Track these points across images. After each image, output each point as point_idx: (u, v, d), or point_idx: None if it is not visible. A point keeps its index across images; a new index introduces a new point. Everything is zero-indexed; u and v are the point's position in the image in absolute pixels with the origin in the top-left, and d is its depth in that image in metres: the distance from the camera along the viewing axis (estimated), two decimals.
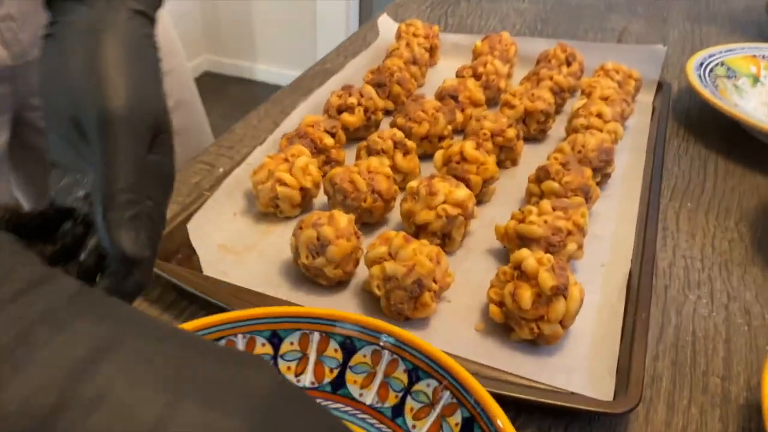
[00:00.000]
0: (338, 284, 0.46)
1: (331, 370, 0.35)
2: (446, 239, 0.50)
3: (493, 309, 0.43)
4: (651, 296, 0.45)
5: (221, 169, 0.59)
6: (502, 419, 0.30)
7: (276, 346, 0.36)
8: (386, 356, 0.35)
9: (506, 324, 0.43)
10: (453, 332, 0.43)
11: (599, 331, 0.43)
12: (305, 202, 0.54)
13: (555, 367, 0.40)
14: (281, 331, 0.36)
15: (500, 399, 0.32)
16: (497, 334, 0.43)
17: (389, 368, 0.35)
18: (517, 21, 0.98)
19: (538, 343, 0.42)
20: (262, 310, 0.36)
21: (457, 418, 0.32)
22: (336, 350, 0.35)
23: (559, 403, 0.37)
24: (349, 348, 0.35)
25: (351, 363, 0.35)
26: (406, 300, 0.42)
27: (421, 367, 0.34)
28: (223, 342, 0.35)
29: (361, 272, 0.47)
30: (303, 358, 0.36)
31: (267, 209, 0.53)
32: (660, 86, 0.74)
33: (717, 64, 0.76)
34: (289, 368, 0.35)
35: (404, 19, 0.90)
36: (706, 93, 0.68)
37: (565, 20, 0.98)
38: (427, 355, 0.34)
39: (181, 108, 0.75)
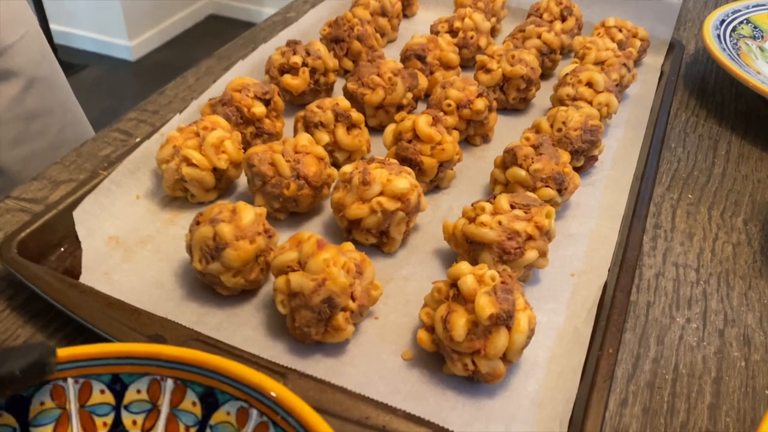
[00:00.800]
0: (243, 293, 0.38)
1: (187, 429, 0.27)
2: (384, 237, 0.41)
3: (422, 335, 0.34)
4: (625, 321, 0.36)
5: (138, 139, 0.51)
6: None
7: (119, 394, 0.28)
8: (254, 417, 0.27)
9: (438, 353, 0.35)
10: (374, 360, 0.35)
11: (555, 367, 0.35)
12: (224, 185, 0.45)
13: (493, 414, 0.32)
14: (125, 375, 0.28)
15: None
16: (427, 366, 0.35)
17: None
18: None
19: (474, 381, 0.34)
20: (101, 347, 0.28)
21: None
22: (194, 403, 0.27)
23: None
24: (210, 402, 0.27)
25: (212, 421, 0.27)
26: (313, 323, 0.34)
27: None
28: (49, 386, 0.27)
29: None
30: (153, 411, 0.28)
31: (175, 193, 0.44)
32: (672, 47, 0.63)
33: (741, 22, 0.64)
34: (134, 422, 0.28)
35: None
36: (724, 57, 0.57)
37: None
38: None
39: (36, 86, 0.62)
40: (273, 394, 0.26)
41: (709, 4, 0.77)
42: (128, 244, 0.41)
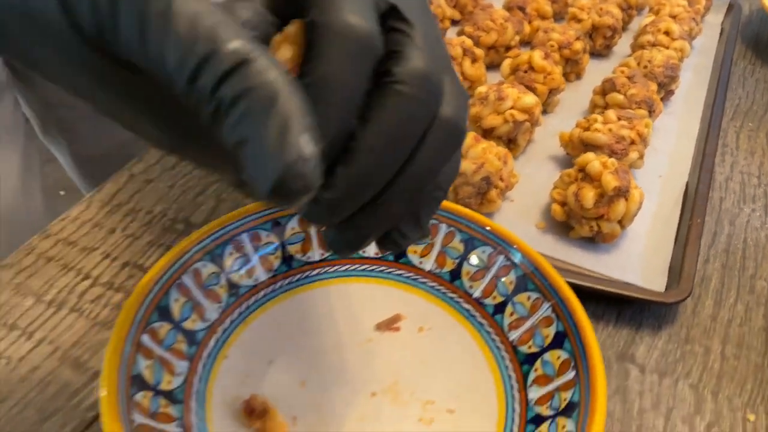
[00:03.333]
0: None
1: (451, 261, 0.38)
2: (511, 144, 0.52)
3: (556, 208, 0.46)
4: (707, 205, 0.47)
5: None
6: (555, 278, 0.34)
7: None
8: (443, 229, 0.38)
9: (566, 223, 0.46)
10: (515, 228, 0.46)
11: (654, 234, 0.46)
12: None
13: (611, 263, 0.43)
14: None
15: None
16: (557, 232, 0.46)
17: (446, 239, 0.38)
18: None
19: (595, 241, 0.45)
20: None
21: (511, 277, 0.36)
22: (458, 243, 0.38)
23: (614, 290, 0.40)
24: (468, 246, 0.38)
25: (468, 257, 0.38)
26: (473, 195, 0.45)
27: (476, 237, 0.38)
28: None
29: None
30: (428, 245, 0.39)
31: None
32: (731, 7, 0.73)
33: None
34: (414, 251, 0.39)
35: None
36: None
37: None
38: (481, 226, 0.37)
39: None
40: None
41: None
42: None
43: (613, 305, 0.41)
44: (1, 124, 0.55)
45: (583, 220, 0.44)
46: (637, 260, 0.44)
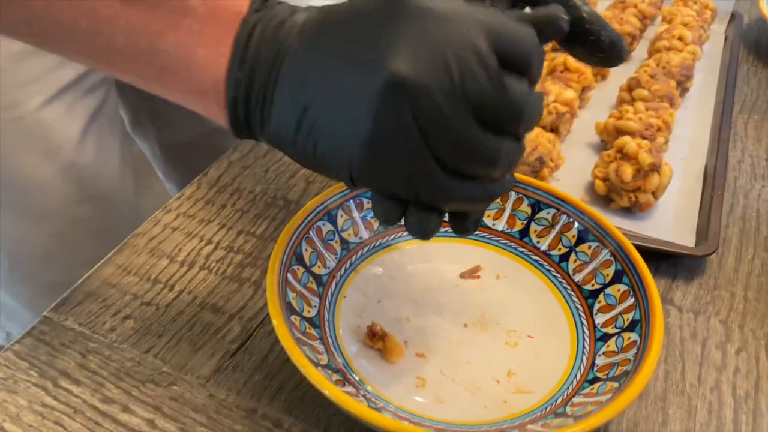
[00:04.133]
0: None
1: (521, 222, 0.46)
2: (554, 133, 0.60)
3: (598, 183, 0.54)
4: (724, 181, 0.55)
5: None
6: (611, 227, 0.42)
7: None
8: (513, 196, 0.46)
9: (607, 196, 0.54)
10: None
11: (681, 205, 0.54)
12: None
13: (648, 227, 0.51)
14: None
15: None
16: (598, 204, 0.54)
17: (516, 204, 0.46)
18: None
19: (633, 211, 0.53)
20: None
21: (573, 232, 0.44)
22: (526, 207, 0.46)
23: (654, 246, 0.48)
24: (535, 208, 0.46)
25: (535, 218, 0.46)
26: (528, 173, 0.53)
27: (542, 201, 0.45)
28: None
29: None
30: (499, 209, 0.47)
31: None
32: (733, 17, 0.82)
33: None
34: (488, 215, 0.47)
35: None
36: None
37: None
38: (546, 192, 0.45)
39: None
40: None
41: None
42: None
43: (653, 260, 0.49)
44: (106, 115, 0.63)
45: (622, 193, 0.52)
46: (670, 225, 0.52)
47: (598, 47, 0.33)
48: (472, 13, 0.28)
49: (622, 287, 0.40)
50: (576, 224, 0.44)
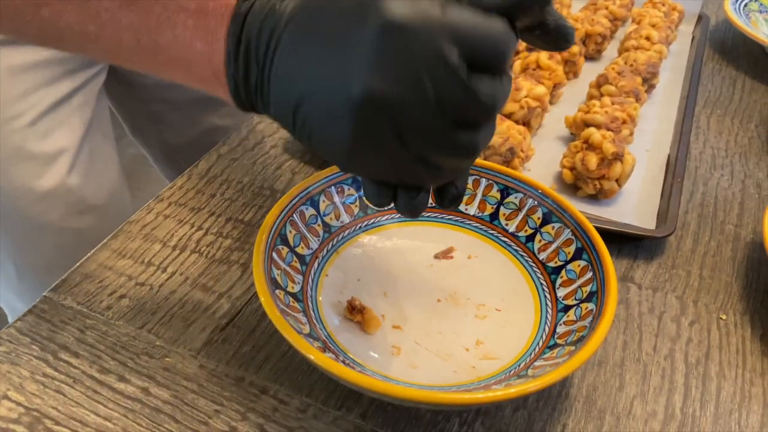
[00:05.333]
0: None
1: (491, 206, 0.50)
2: (526, 126, 0.64)
3: (566, 172, 0.57)
4: (684, 170, 0.58)
5: None
6: (573, 209, 0.45)
7: None
8: (483, 182, 0.49)
9: (574, 185, 0.57)
10: None
11: (644, 192, 0.57)
12: None
13: (612, 212, 0.55)
14: None
15: None
16: (566, 192, 0.57)
17: (486, 190, 0.50)
18: None
19: (598, 198, 0.56)
20: None
21: (538, 214, 0.47)
22: (496, 192, 0.49)
23: (615, 228, 0.51)
24: (504, 193, 0.49)
25: (504, 202, 0.49)
26: (500, 163, 0.57)
27: (510, 186, 0.49)
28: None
29: None
30: (471, 195, 0.50)
31: None
32: (700, 18, 0.86)
33: (751, 1, 0.87)
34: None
35: None
36: (740, 23, 0.80)
37: None
38: (514, 179, 0.49)
39: None
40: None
41: None
42: None
43: (615, 242, 0.52)
44: (99, 125, 0.66)
45: (588, 180, 0.56)
46: (632, 210, 0.55)
47: (546, 31, 0.33)
48: (443, 20, 0.28)
49: (582, 263, 0.43)
50: (541, 207, 0.47)
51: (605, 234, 0.51)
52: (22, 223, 0.62)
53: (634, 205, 0.56)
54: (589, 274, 0.42)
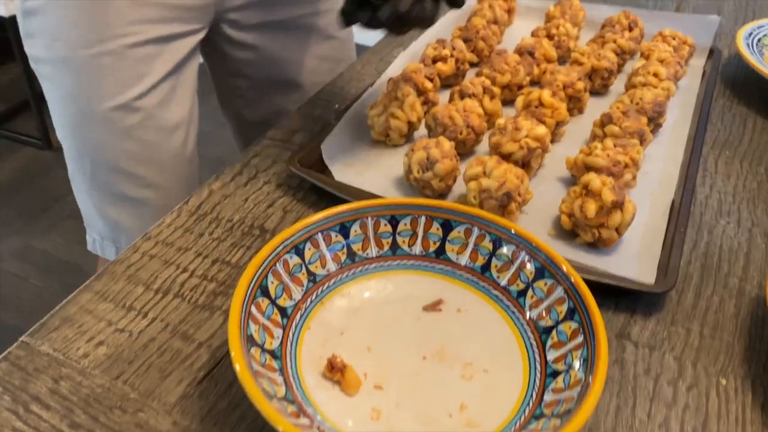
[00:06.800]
0: (439, 195, 0.59)
1: (434, 243, 0.48)
2: (525, 167, 0.62)
3: (564, 219, 0.55)
4: (689, 217, 0.56)
5: (336, 105, 0.72)
6: (566, 266, 0.43)
7: (394, 226, 0.49)
8: (476, 231, 0.48)
9: (573, 231, 0.55)
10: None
11: (645, 241, 0.55)
12: (410, 133, 0.67)
13: (610, 263, 0.53)
14: (398, 215, 0.49)
15: None
16: (565, 238, 0.55)
17: (478, 240, 0.48)
18: None
19: (597, 246, 0.54)
20: (385, 200, 0.49)
21: (530, 268, 0.45)
22: (437, 228, 0.48)
23: (613, 282, 0.49)
24: (447, 226, 0.48)
25: (449, 237, 0.48)
26: (496, 208, 0.55)
27: (503, 237, 0.47)
28: (357, 223, 0.48)
29: (457, 188, 0.60)
30: (413, 235, 0.49)
31: (380, 138, 0.66)
32: (711, 52, 0.84)
33: (765, 35, 0.85)
34: (403, 242, 0.49)
35: None
36: (752, 59, 0.78)
37: None
38: (507, 229, 0.47)
39: None
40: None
41: (739, 21, 0.98)
42: (358, 167, 0.62)
43: (613, 296, 0.50)
44: (185, 76, 0.79)
45: (586, 228, 0.54)
46: (632, 260, 0.53)
47: None
48: None
49: (573, 324, 0.42)
50: (533, 261, 0.46)
51: (603, 286, 0.50)
52: (107, 127, 0.74)
53: (635, 255, 0.54)
54: (580, 338, 0.40)
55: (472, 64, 0.80)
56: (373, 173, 0.62)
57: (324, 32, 0.89)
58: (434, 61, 0.75)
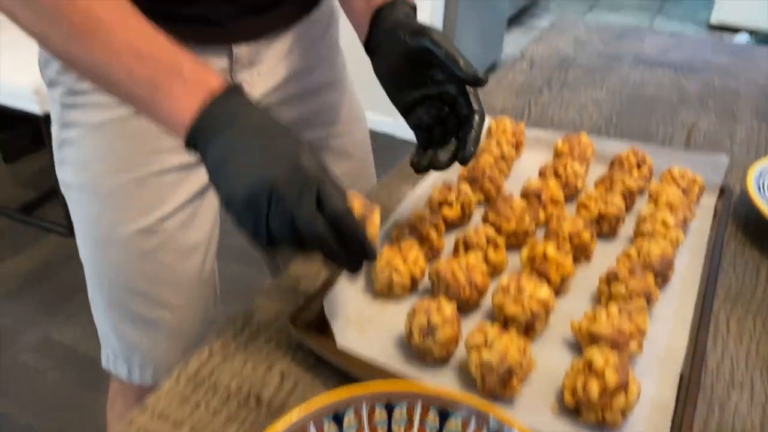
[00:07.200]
0: (441, 360, 0.58)
1: None
2: (529, 330, 0.61)
3: (567, 397, 0.54)
4: (698, 392, 0.54)
5: None
6: None
7: (390, 413, 0.48)
8: (473, 424, 0.47)
9: (576, 408, 0.54)
10: (533, 410, 0.54)
11: (653, 420, 0.53)
12: (413, 286, 0.66)
13: None
14: (394, 402, 0.48)
15: None
16: (569, 415, 0.54)
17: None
18: (594, 112, 1.09)
19: (603, 426, 0.53)
20: (380, 386, 0.48)
21: None
22: (434, 417, 0.47)
23: None
24: (444, 415, 0.47)
25: (445, 429, 0.47)
26: (497, 382, 0.54)
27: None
28: (351, 410, 0.47)
29: (459, 351, 0.59)
30: (409, 423, 0.48)
31: (383, 290, 0.66)
32: (722, 191, 0.83)
33: None
34: (399, 428, 0.48)
35: (494, 105, 1.02)
36: (762, 203, 0.77)
37: (639, 114, 1.08)
38: (506, 425, 0.46)
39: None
40: (490, 414, 0.45)
41: (752, 150, 0.98)
42: (360, 322, 0.62)
43: None
44: (214, 206, 0.83)
45: (590, 408, 0.52)
46: None
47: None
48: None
49: None
50: None
51: None
52: (124, 249, 0.76)
53: None
54: None
55: (480, 202, 0.81)
56: (374, 332, 0.61)
57: (342, 151, 0.92)
58: (440, 204, 0.76)
